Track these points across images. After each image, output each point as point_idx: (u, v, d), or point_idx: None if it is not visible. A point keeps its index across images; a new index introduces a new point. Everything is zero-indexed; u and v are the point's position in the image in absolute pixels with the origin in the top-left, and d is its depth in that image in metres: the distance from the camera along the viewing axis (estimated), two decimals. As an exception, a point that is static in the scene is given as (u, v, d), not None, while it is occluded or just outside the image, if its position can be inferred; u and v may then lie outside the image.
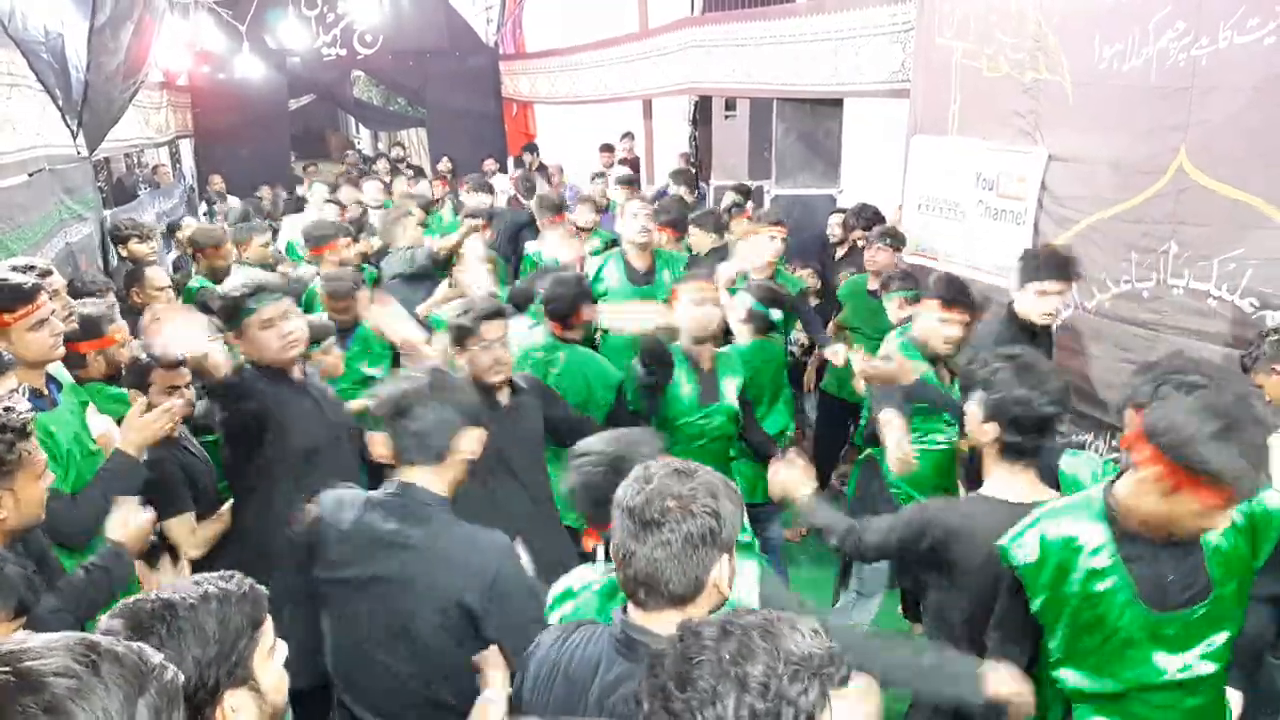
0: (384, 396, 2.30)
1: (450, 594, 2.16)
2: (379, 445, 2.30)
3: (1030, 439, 2.41)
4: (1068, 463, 2.70)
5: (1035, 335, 3.68)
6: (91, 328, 3.43)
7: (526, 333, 4.00)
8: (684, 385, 3.73)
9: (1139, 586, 2.06)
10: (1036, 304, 3.62)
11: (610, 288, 4.96)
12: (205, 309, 4.42)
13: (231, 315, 3.03)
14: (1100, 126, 4.19)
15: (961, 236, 5.16)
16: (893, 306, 4.52)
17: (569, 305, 3.84)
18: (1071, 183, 4.39)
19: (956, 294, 3.57)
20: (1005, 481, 2.46)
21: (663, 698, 1.30)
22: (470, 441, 2.30)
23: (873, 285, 5.24)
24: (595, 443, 2.22)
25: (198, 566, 3.01)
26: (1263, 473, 1.84)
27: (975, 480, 2.60)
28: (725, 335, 4.31)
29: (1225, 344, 3.68)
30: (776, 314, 4.32)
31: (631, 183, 8.41)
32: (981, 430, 2.47)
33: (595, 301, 4.91)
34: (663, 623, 1.65)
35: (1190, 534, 2.01)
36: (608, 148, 11.20)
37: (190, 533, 3.10)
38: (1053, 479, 2.60)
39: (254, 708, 1.50)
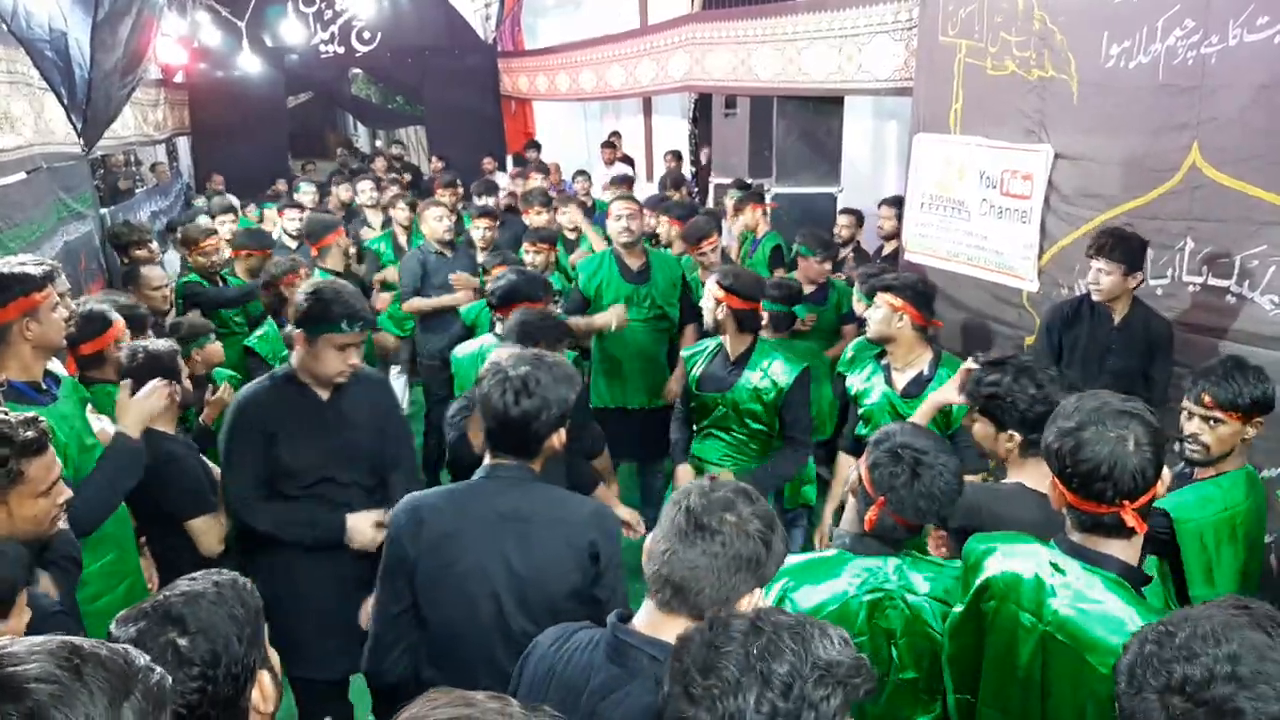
0: None
1: None
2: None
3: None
4: None
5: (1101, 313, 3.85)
6: (99, 321, 3.41)
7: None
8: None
9: None
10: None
11: (606, 287, 4.94)
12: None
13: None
14: (1109, 124, 4.18)
15: (966, 235, 5.14)
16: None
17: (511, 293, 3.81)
18: (1081, 181, 4.38)
19: None
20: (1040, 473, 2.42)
21: (684, 682, 1.30)
22: None
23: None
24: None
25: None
26: None
27: None
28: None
29: (1242, 341, 3.68)
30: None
31: (626, 182, 8.46)
32: (1001, 442, 2.48)
33: (589, 300, 4.92)
34: (670, 630, 1.62)
35: None
36: (610, 145, 11.21)
37: (214, 532, 3.13)
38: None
39: (272, 688, 1.54)
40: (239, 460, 2.92)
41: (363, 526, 2.94)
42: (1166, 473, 1.95)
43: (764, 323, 4.25)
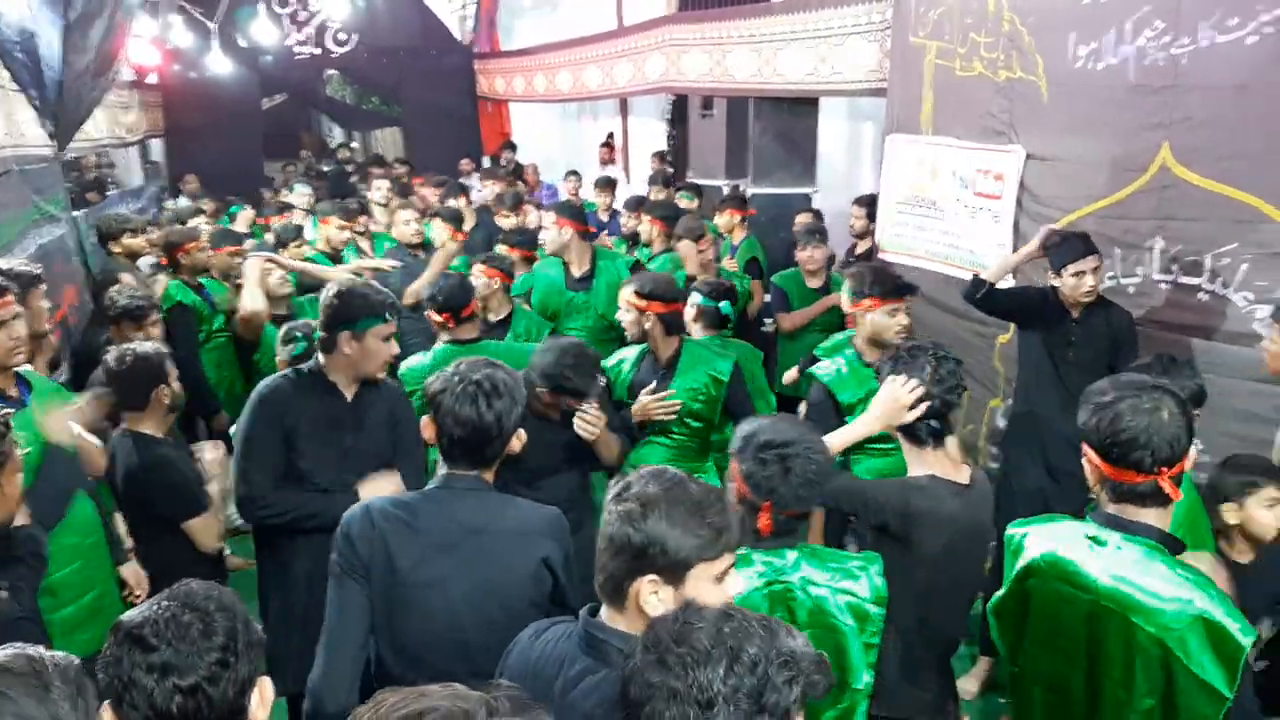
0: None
1: None
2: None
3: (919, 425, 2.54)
4: None
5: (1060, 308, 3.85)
6: None
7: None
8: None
9: None
10: (1074, 285, 3.75)
11: (549, 294, 4.87)
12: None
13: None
14: (1078, 125, 4.23)
15: (941, 235, 5.19)
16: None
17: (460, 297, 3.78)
18: (1050, 181, 4.42)
19: (892, 284, 3.59)
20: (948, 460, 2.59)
21: (658, 650, 1.35)
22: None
23: (813, 283, 5.50)
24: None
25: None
26: None
27: None
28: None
29: (1212, 338, 3.74)
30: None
31: (609, 185, 8.49)
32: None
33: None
34: (620, 622, 1.70)
35: None
36: (608, 145, 11.27)
37: (212, 529, 3.16)
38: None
39: (271, 692, 1.58)
40: (260, 454, 2.85)
41: (379, 487, 2.83)
42: (1194, 450, 2.07)
43: (693, 317, 4.18)
